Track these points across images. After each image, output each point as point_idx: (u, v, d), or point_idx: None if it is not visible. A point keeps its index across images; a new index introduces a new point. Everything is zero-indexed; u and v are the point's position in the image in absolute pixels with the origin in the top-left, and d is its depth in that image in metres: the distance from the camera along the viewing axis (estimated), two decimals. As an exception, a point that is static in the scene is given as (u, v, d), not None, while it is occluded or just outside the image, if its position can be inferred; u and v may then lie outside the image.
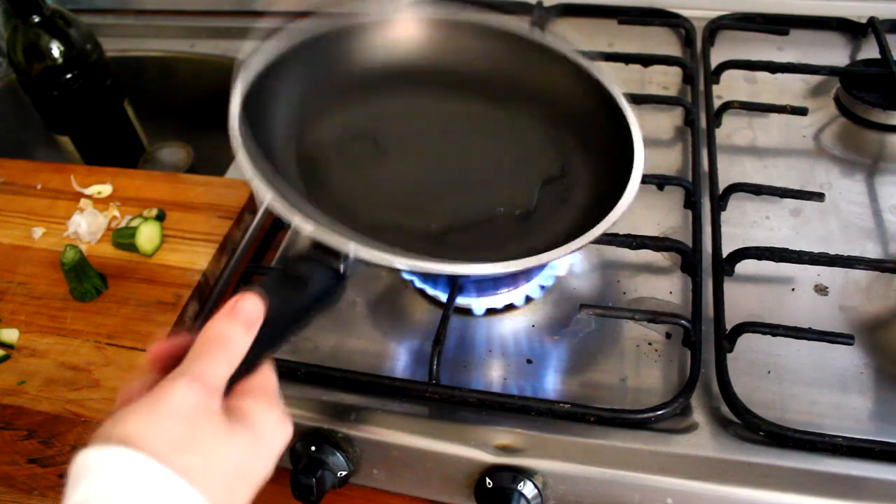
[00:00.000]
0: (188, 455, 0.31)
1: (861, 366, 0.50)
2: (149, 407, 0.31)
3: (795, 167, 0.65)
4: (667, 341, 0.53)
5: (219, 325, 0.35)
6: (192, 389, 0.32)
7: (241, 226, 0.68)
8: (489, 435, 0.48)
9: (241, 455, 0.33)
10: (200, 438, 0.32)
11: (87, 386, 0.55)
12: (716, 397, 0.49)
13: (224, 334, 0.35)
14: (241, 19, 0.98)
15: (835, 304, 0.54)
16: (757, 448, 0.46)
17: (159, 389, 0.32)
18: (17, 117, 0.99)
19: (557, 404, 0.48)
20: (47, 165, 0.77)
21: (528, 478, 0.46)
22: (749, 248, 0.55)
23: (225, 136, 0.48)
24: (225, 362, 0.34)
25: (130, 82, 0.91)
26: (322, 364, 0.52)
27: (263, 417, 0.35)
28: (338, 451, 0.49)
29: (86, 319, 0.60)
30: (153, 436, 0.30)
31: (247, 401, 0.35)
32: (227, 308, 0.36)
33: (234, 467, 0.33)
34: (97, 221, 0.68)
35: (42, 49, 0.78)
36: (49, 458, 0.51)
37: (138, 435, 0.30)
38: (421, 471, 0.50)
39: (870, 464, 0.45)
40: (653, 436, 0.47)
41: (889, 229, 0.59)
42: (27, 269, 0.65)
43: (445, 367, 0.52)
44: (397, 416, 0.50)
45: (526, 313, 0.56)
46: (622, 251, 0.58)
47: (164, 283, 0.62)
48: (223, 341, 0.35)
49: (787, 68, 0.70)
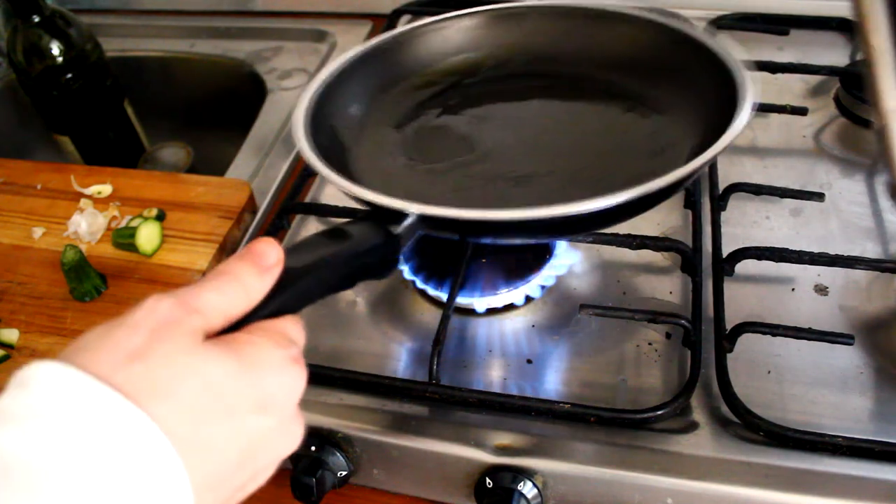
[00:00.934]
0: (137, 366, 0.26)
1: (861, 366, 0.50)
2: (109, 323, 0.28)
3: (795, 167, 0.65)
4: (667, 341, 0.53)
5: (227, 263, 0.32)
6: (163, 303, 0.28)
7: (241, 226, 0.68)
8: (489, 435, 0.48)
9: (213, 377, 0.28)
10: (158, 349, 0.27)
11: (87, 386, 0.55)
12: (716, 397, 0.49)
13: (228, 269, 0.31)
14: (241, 19, 0.98)
15: (835, 304, 0.54)
16: (757, 448, 0.46)
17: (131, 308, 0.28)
18: (17, 117, 0.99)
19: (557, 404, 0.48)
20: (47, 165, 0.77)
21: (528, 478, 0.46)
22: (749, 248, 0.55)
23: (225, 135, 0.49)
24: (218, 291, 0.30)
25: (130, 82, 0.91)
26: (322, 364, 0.52)
27: (258, 350, 0.30)
28: (338, 451, 0.49)
29: (86, 319, 0.60)
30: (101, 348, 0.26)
31: (245, 335, 0.30)
32: (241, 250, 0.32)
33: (201, 390, 0.27)
34: (97, 221, 0.68)
35: (42, 49, 0.78)
36: (49, 458, 0.51)
37: (86, 348, 0.27)
38: (421, 471, 0.50)
39: (870, 464, 0.45)
40: (653, 436, 0.47)
41: (889, 229, 0.59)
42: (27, 269, 0.65)
43: (445, 367, 0.52)
44: (397, 416, 0.50)
45: (526, 313, 0.56)
46: (622, 251, 0.58)
47: (164, 283, 0.62)
48: (225, 274, 0.31)
49: (787, 68, 0.70)
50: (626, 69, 0.60)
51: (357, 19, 0.94)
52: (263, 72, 0.90)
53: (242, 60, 0.93)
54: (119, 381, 0.26)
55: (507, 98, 0.62)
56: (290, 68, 0.89)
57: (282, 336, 0.32)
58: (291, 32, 0.95)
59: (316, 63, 0.89)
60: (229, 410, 0.28)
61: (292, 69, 0.89)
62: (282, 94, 0.86)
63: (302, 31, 0.94)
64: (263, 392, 0.29)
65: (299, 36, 0.94)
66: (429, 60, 0.63)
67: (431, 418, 0.49)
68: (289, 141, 0.75)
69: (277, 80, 0.88)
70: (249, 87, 0.91)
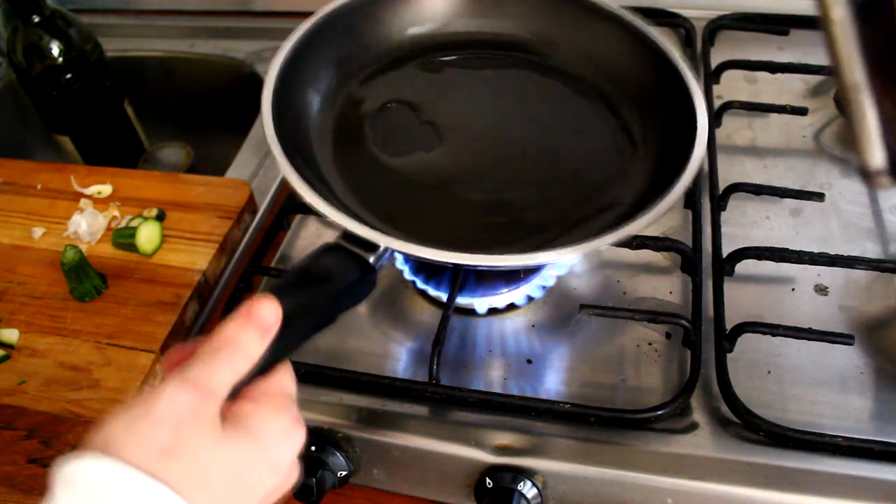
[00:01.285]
0: (173, 462, 0.29)
1: (861, 366, 0.50)
2: (133, 411, 0.30)
3: (795, 167, 0.65)
4: (667, 341, 0.53)
5: (230, 328, 0.33)
6: (183, 392, 0.30)
7: (241, 226, 0.68)
8: (489, 435, 0.48)
9: (236, 462, 0.31)
10: (188, 444, 0.30)
11: (87, 386, 0.55)
12: (716, 397, 0.49)
13: (233, 338, 0.33)
14: (241, 19, 0.98)
15: (835, 304, 0.54)
16: (757, 448, 0.46)
17: (149, 393, 0.30)
18: (17, 117, 0.99)
19: (557, 404, 0.48)
20: (47, 165, 0.77)
21: (528, 478, 0.46)
22: (749, 248, 0.55)
23: (225, 135, 0.49)
24: (228, 366, 0.32)
25: (130, 82, 0.91)
26: (322, 364, 0.52)
27: (266, 422, 0.33)
28: (338, 451, 0.49)
29: (86, 319, 0.60)
30: (134, 442, 0.29)
31: (251, 405, 0.33)
32: (241, 311, 0.34)
33: (229, 476, 0.31)
34: (97, 221, 0.68)
35: (42, 49, 0.78)
36: (49, 458, 0.51)
37: (118, 441, 0.28)
38: (421, 471, 0.50)
39: (870, 464, 0.45)
40: (653, 436, 0.47)
41: (889, 229, 0.59)
42: (27, 269, 0.65)
43: (445, 367, 0.52)
44: (397, 416, 0.50)
45: (526, 313, 0.56)
46: (622, 251, 0.58)
47: (164, 283, 0.62)
48: (231, 345, 0.33)
49: (787, 68, 0.70)
50: (599, 69, 0.59)
51: (357, 19, 0.94)
52: (263, 72, 0.89)
53: (242, 60, 0.93)
54: (160, 474, 0.28)
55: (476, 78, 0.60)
56: (290, 68, 0.89)
57: (282, 397, 0.35)
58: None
59: (316, 63, 0.89)
60: (250, 486, 0.32)
61: (292, 69, 0.89)
62: (282, 94, 0.85)
63: (302, 31, 0.94)
64: (275, 459, 0.33)
65: (299, 36, 0.94)
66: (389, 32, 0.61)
67: (431, 418, 0.49)
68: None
69: (277, 80, 0.88)
70: (249, 87, 0.90)
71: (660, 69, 0.54)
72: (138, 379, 0.55)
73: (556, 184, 0.53)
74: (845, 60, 0.32)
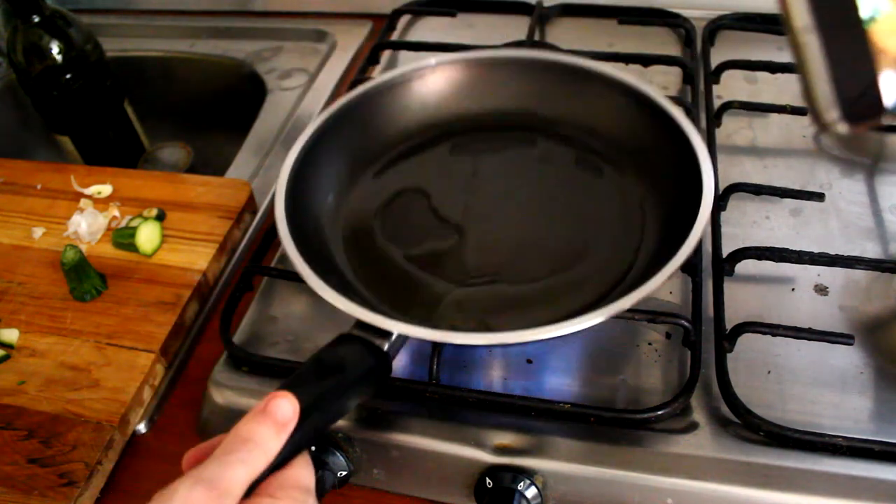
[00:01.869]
0: None
1: (861, 366, 0.50)
2: None
3: (795, 167, 0.65)
4: (667, 341, 0.53)
5: (247, 425, 0.33)
6: (195, 492, 0.30)
7: (241, 226, 0.68)
8: (489, 435, 0.48)
9: None
10: None
11: (87, 386, 0.55)
12: (716, 397, 0.49)
13: (251, 436, 0.33)
14: (241, 19, 0.98)
15: (835, 304, 0.54)
16: (757, 448, 0.46)
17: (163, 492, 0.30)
18: (17, 117, 0.99)
19: (557, 404, 0.48)
20: (47, 165, 0.77)
21: (528, 478, 0.46)
22: (749, 248, 0.55)
23: (225, 135, 0.49)
24: (244, 465, 0.32)
25: (130, 82, 0.91)
26: (322, 364, 0.52)
27: None
28: (338, 451, 0.49)
29: (86, 319, 0.60)
30: None
31: (268, 501, 0.33)
32: (259, 407, 0.34)
33: None
34: (97, 221, 0.68)
35: (42, 49, 0.78)
36: (49, 458, 0.51)
37: None
38: (421, 471, 0.50)
39: (870, 464, 0.45)
40: (653, 436, 0.47)
41: (889, 229, 0.59)
42: (27, 269, 0.65)
43: (445, 367, 0.52)
44: (397, 416, 0.50)
45: (526, 313, 0.56)
46: (622, 251, 0.58)
47: (164, 283, 0.62)
48: (248, 443, 0.33)
49: (787, 68, 0.70)
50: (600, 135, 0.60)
51: (357, 19, 0.94)
52: (263, 72, 0.90)
53: (242, 60, 0.93)
54: None
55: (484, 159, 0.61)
56: (289, 68, 0.89)
57: (299, 491, 0.34)
58: (291, 32, 0.95)
59: (316, 63, 0.89)
60: None
61: (292, 69, 0.89)
62: (282, 94, 0.86)
63: (302, 31, 0.94)
64: None
65: (299, 36, 0.94)
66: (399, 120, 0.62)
67: (431, 418, 0.49)
68: (289, 141, 0.75)
69: (277, 80, 0.88)
70: (249, 87, 0.91)
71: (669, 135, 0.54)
72: (138, 379, 0.55)
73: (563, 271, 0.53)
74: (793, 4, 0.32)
